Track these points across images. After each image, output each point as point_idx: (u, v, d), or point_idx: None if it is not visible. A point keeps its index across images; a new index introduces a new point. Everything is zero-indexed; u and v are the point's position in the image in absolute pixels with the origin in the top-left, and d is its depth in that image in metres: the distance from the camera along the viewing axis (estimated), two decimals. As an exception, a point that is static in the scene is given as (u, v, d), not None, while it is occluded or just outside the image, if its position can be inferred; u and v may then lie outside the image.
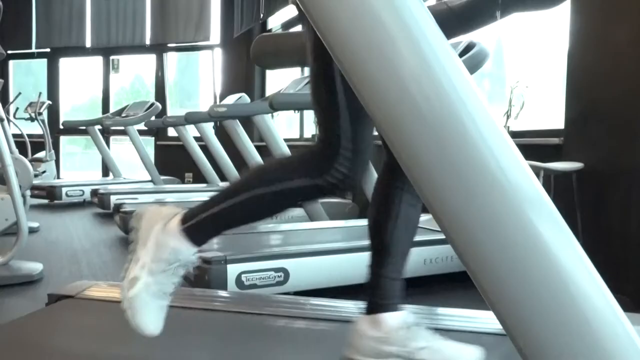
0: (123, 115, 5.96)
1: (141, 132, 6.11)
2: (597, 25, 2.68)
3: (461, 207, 0.65)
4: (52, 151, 6.67)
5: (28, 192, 3.37)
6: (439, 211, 0.68)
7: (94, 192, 5.29)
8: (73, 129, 7.16)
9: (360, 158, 1.06)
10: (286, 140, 3.92)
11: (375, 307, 1.20)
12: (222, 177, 5.30)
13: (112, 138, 7.59)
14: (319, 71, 1.05)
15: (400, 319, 1.19)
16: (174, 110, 7.99)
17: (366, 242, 1.25)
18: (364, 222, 1.29)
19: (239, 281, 2.21)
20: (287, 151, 3.81)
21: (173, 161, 7.06)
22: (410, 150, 0.68)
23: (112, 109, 7.29)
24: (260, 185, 1.08)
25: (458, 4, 1.35)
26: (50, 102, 7.06)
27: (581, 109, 2.81)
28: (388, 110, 0.68)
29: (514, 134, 3.36)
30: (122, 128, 5.86)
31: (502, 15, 1.32)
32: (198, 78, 8.77)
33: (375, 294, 1.21)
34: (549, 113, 3.37)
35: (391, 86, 0.66)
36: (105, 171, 7.56)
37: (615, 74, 2.56)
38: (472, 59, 2.51)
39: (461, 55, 2.48)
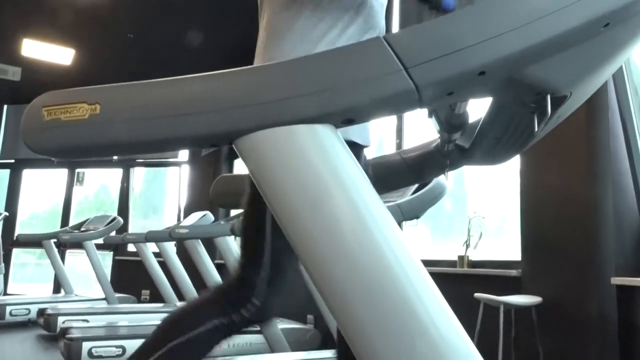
0: (82, 229, 5.82)
1: (100, 246, 5.94)
2: (543, 167, 2.84)
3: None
4: (2, 264, 6.37)
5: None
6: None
7: (41, 312, 4.98)
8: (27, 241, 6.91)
9: (276, 291, 1.09)
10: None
11: None
12: (180, 297, 5.11)
13: (68, 251, 7.33)
14: (252, 214, 1.10)
15: None
16: (137, 221, 7.87)
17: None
18: (324, 354, 1.26)
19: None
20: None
21: (130, 277, 6.82)
22: (343, 304, 0.70)
23: (74, 218, 7.13)
24: (175, 336, 1.07)
25: (411, 156, 1.42)
26: (7, 214, 6.87)
27: (535, 242, 2.88)
28: (324, 269, 0.70)
29: (473, 264, 3.40)
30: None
31: (451, 168, 1.38)
32: (164, 191, 8.77)
33: None
34: (508, 243, 3.44)
35: (327, 243, 0.69)
36: (57, 286, 7.21)
37: (562, 210, 2.68)
38: (430, 193, 2.59)
39: (419, 189, 2.56)
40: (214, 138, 0.74)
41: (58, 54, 6.31)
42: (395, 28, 4.59)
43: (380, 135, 4.72)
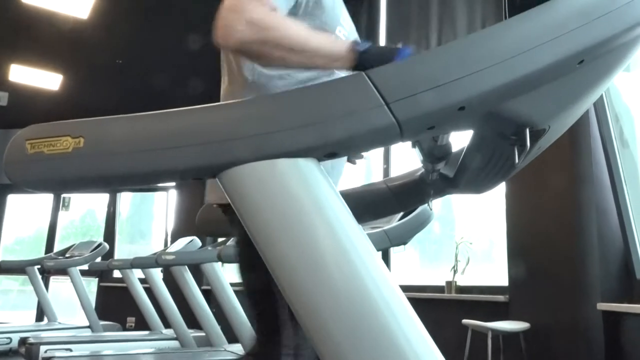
0: (67, 255, 5.74)
1: (85, 272, 5.86)
2: (528, 193, 2.87)
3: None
4: (-16, 291, 6.25)
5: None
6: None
7: (22, 341, 4.86)
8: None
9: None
10: (235, 284, 3.82)
11: None
12: (167, 324, 5.03)
13: (52, 277, 7.22)
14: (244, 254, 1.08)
15: None
16: (123, 246, 7.78)
17: None
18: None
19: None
20: (234, 297, 3.71)
21: (116, 304, 6.70)
22: (325, 336, 0.70)
23: (59, 243, 7.03)
24: None
25: (396, 184, 1.43)
26: (-9, 240, 6.76)
27: (522, 268, 2.89)
28: (308, 301, 0.70)
29: (461, 289, 3.40)
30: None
31: (435, 197, 1.39)
32: (152, 215, 8.70)
33: None
34: (496, 268, 3.45)
35: (311, 277, 0.70)
36: (40, 314, 7.07)
37: (548, 237, 2.70)
38: (417, 219, 2.60)
39: (406, 215, 2.57)
40: (197, 171, 0.74)
41: (46, 80, 6.31)
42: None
43: (368, 161, 4.75)
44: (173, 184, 7.49)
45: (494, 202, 3.51)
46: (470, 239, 3.50)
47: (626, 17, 0.73)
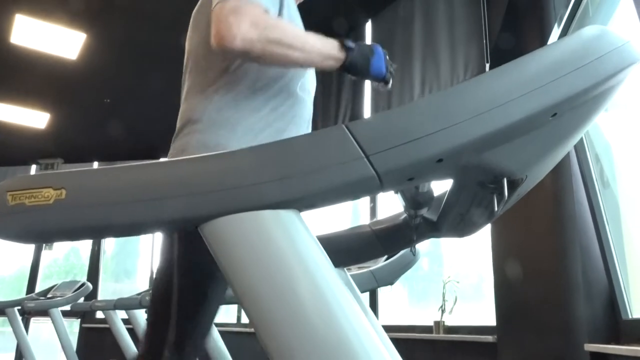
0: (49, 295, 5.61)
1: (67, 313, 5.72)
2: (513, 233, 2.89)
3: None
4: (-38, 334, 6.07)
5: None
6: None
7: (0, 386, 4.71)
8: (-10, 308, 6.62)
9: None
10: (222, 325, 3.76)
11: None
12: (150, 367, 4.89)
13: (33, 318, 7.04)
14: (165, 280, 1.12)
15: None
16: (107, 285, 7.65)
17: None
18: None
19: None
20: (219, 338, 3.64)
21: (98, 345, 6.54)
22: None
23: (42, 282, 6.88)
24: None
25: (380, 228, 1.44)
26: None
27: (509, 308, 2.89)
28: (290, 355, 0.69)
29: (449, 329, 3.37)
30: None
31: (419, 241, 1.40)
32: (137, 253, 8.60)
33: None
34: (485, 306, 3.44)
35: (293, 330, 0.70)
36: (20, 357, 6.86)
37: (534, 277, 2.70)
38: (403, 259, 2.60)
39: (391, 255, 2.57)
40: (179, 223, 0.74)
41: (33, 118, 6.31)
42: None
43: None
44: (159, 222, 7.41)
45: (481, 237, 3.53)
46: (459, 275, 3.49)
47: (596, 71, 0.76)
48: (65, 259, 9.07)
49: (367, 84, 4.67)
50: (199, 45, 1.25)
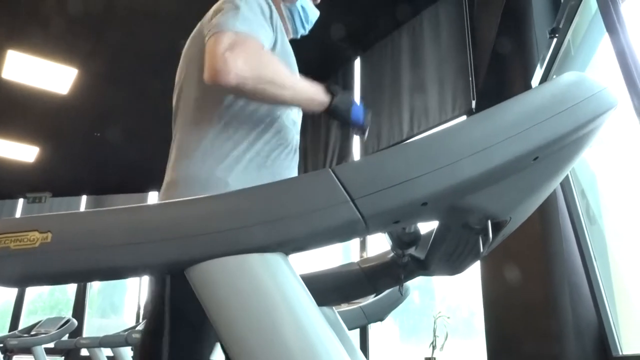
0: (33, 332, 5.49)
1: (51, 350, 5.59)
2: (502, 270, 2.89)
3: None
4: (-60, 373, 5.88)
5: None
6: None
7: None
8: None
9: None
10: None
11: None
12: (135, 406, 4.77)
13: (15, 356, 6.85)
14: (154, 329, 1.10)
15: None
16: (93, 320, 7.50)
17: None
18: None
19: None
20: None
21: (82, 384, 6.37)
22: None
23: (26, 317, 6.74)
24: None
25: (368, 266, 1.43)
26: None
27: (500, 345, 2.86)
28: None
29: (441, 366, 3.33)
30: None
31: (407, 279, 1.40)
32: (125, 288, 8.47)
33: None
34: (476, 341, 3.41)
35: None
36: (0, 396, 6.65)
37: (523, 314, 2.70)
38: (393, 295, 2.59)
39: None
40: (165, 267, 0.74)
41: (22, 152, 6.29)
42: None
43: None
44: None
45: (472, 270, 3.52)
46: (450, 309, 3.48)
47: (575, 117, 0.78)
48: (50, 294, 8.92)
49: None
50: (191, 78, 1.26)
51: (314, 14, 1.47)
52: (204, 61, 1.09)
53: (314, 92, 1.16)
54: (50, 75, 4.84)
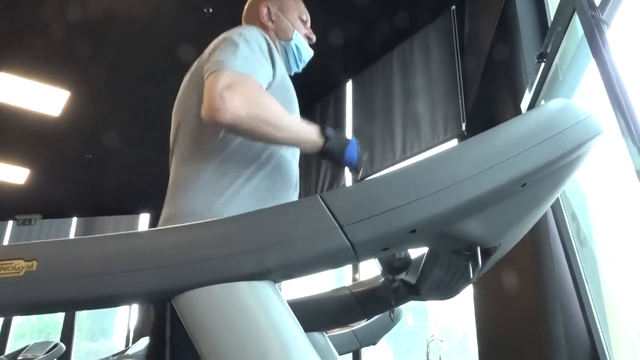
0: (20, 357, 5.39)
1: (37, 376, 5.47)
2: (494, 293, 2.88)
3: None
4: None
5: None
6: None
7: None
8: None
9: None
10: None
11: None
12: None
13: (1, 382, 6.71)
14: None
15: None
16: (82, 344, 7.38)
17: None
18: None
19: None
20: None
21: (69, 411, 6.23)
22: None
23: (13, 341, 6.61)
24: None
25: (360, 291, 1.43)
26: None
27: (494, 368, 2.84)
28: None
29: (434, 391, 3.29)
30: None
31: (398, 304, 1.39)
32: (114, 311, 8.35)
33: None
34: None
35: None
36: None
37: (517, 338, 2.68)
38: (385, 318, 2.57)
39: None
40: (153, 295, 0.73)
41: (12, 174, 6.25)
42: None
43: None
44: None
45: (465, 293, 3.50)
46: (444, 330, 3.45)
47: (561, 144, 0.79)
48: (39, 317, 8.77)
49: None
50: (190, 113, 1.27)
51: (308, 54, 1.49)
52: (202, 97, 1.10)
53: (308, 134, 1.16)
54: (42, 97, 4.84)
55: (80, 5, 3.80)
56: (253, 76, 1.12)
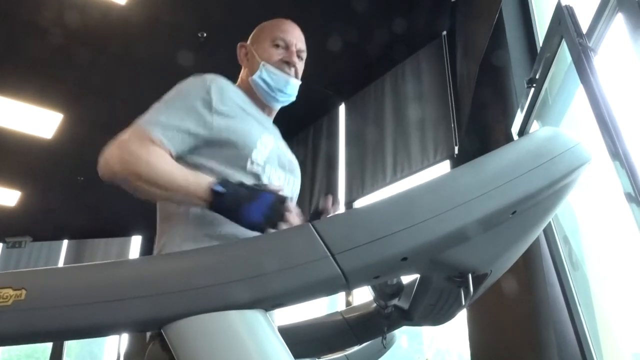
0: (6, 384, 5.28)
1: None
2: (488, 316, 2.87)
3: None
4: None
5: None
6: None
7: None
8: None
9: None
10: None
11: None
12: None
13: (-13, 410, 6.56)
14: None
15: None
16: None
17: None
18: None
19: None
20: None
21: None
22: None
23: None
24: None
25: (352, 316, 1.42)
26: None
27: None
28: None
29: (428, 416, 3.25)
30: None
31: (391, 329, 1.39)
32: (104, 335, 8.23)
33: None
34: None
35: None
36: None
37: (511, 358, 2.66)
38: (378, 343, 2.55)
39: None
40: (142, 325, 0.73)
41: (3, 196, 6.21)
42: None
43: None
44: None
45: (459, 316, 3.48)
46: (439, 353, 3.41)
47: (550, 172, 0.80)
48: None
49: (342, 169, 4.77)
50: None
51: (282, 81, 1.41)
52: None
53: (192, 191, 1.10)
54: (35, 120, 4.84)
55: (73, 29, 3.83)
56: (156, 136, 1.15)
